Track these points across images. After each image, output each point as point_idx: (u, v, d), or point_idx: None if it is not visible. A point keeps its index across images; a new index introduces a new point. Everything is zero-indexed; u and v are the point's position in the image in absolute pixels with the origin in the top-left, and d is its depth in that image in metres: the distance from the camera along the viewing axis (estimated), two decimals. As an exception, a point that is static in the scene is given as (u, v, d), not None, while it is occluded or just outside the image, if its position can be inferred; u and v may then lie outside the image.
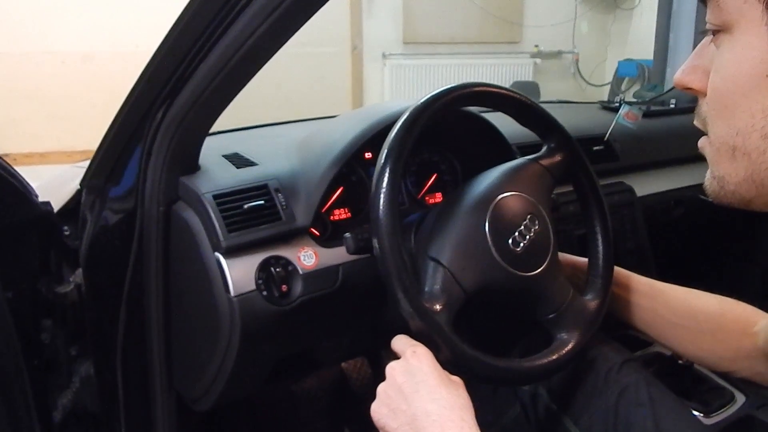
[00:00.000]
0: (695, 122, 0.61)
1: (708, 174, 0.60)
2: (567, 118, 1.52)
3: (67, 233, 1.10)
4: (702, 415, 1.15)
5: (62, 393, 1.16)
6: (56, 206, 1.12)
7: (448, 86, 0.91)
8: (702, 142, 0.60)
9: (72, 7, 4.08)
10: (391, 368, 0.78)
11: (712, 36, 0.56)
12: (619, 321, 1.04)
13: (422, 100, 0.88)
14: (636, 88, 4.67)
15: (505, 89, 0.97)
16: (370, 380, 1.59)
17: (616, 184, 1.49)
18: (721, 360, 0.95)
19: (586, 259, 1.03)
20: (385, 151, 0.83)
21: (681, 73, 0.61)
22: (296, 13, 0.73)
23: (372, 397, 0.78)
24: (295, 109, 4.34)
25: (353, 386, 1.59)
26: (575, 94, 5.30)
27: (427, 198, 1.22)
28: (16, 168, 1.01)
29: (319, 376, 1.58)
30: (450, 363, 0.80)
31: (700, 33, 0.61)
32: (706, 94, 0.57)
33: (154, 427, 1.14)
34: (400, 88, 4.83)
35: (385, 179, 0.81)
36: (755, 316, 0.92)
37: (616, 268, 1.03)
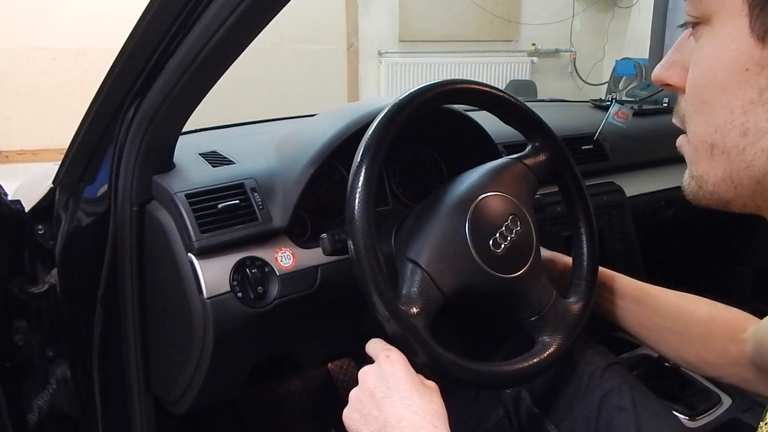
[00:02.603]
0: (673, 120, 0.59)
1: (686, 174, 0.58)
2: (557, 117, 1.52)
3: (41, 232, 1.07)
4: (687, 418, 1.14)
5: (38, 395, 1.14)
6: (31, 205, 1.10)
7: (428, 83, 0.89)
8: (680, 141, 0.58)
9: (63, 3, 4.06)
10: (364, 373, 0.76)
11: (691, 29, 0.54)
12: (606, 323, 1.02)
13: (401, 98, 0.86)
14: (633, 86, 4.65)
15: (487, 86, 0.95)
16: (357, 381, 1.57)
17: (606, 184, 1.47)
18: (707, 365, 0.93)
19: (570, 258, 1.01)
20: (362, 149, 0.81)
21: (659, 69, 0.59)
22: (263, 7, 0.71)
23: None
24: (290, 106, 4.31)
25: (339, 387, 1.57)
26: (572, 93, 5.29)
27: (411, 198, 1.20)
28: (9, 165, 0.99)
29: (304, 377, 1.56)
30: (427, 367, 0.78)
31: (678, 26, 0.58)
32: (685, 91, 0.55)
33: (132, 429, 1.12)
34: (396, 86, 4.82)
35: (361, 178, 0.79)
36: (745, 321, 0.90)
37: (605, 271, 1.02)
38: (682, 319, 0.94)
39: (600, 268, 1.01)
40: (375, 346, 0.79)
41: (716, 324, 0.92)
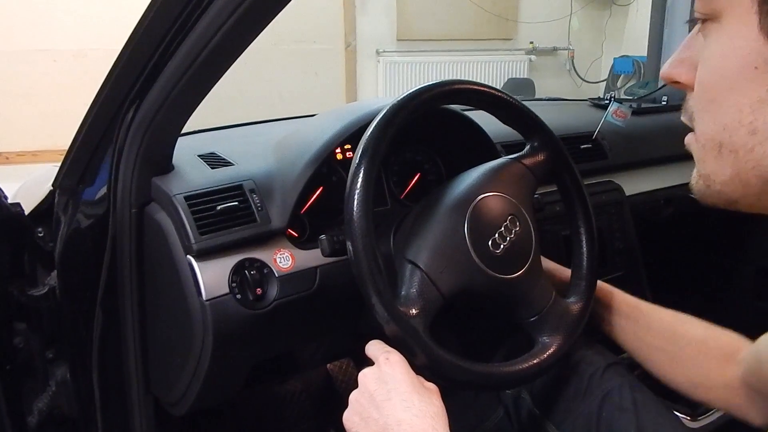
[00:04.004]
0: (682, 118, 0.59)
1: (694, 172, 0.57)
2: (556, 116, 1.51)
3: (41, 235, 1.07)
4: (689, 418, 1.14)
5: (38, 397, 1.14)
6: (31, 207, 1.10)
7: (426, 84, 0.89)
8: (688, 139, 0.58)
9: (63, 4, 4.06)
10: (364, 375, 0.76)
11: (700, 26, 0.53)
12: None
13: (399, 99, 0.86)
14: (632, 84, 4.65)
15: (485, 86, 0.95)
16: (356, 381, 1.57)
17: (605, 183, 1.47)
18: (697, 388, 0.92)
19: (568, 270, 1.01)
20: (360, 150, 0.81)
21: (668, 66, 0.58)
22: (261, 11, 0.71)
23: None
24: (288, 106, 4.33)
25: (338, 387, 1.57)
26: (571, 91, 5.29)
27: (410, 198, 1.20)
28: (9, 167, 0.98)
29: (303, 378, 1.56)
30: (426, 369, 0.78)
31: (686, 22, 0.58)
32: (693, 89, 0.55)
33: (132, 431, 1.12)
34: (394, 85, 4.81)
35: (360, 179, 0.80)
36: (739, 342, 0.88)
37: (604, 286, 1.02)
38: (674, 338, 0.94)
39: (600, 282, 1.01)
40: (375, 348, 0.79)
41: (709, 346, 0.91)
